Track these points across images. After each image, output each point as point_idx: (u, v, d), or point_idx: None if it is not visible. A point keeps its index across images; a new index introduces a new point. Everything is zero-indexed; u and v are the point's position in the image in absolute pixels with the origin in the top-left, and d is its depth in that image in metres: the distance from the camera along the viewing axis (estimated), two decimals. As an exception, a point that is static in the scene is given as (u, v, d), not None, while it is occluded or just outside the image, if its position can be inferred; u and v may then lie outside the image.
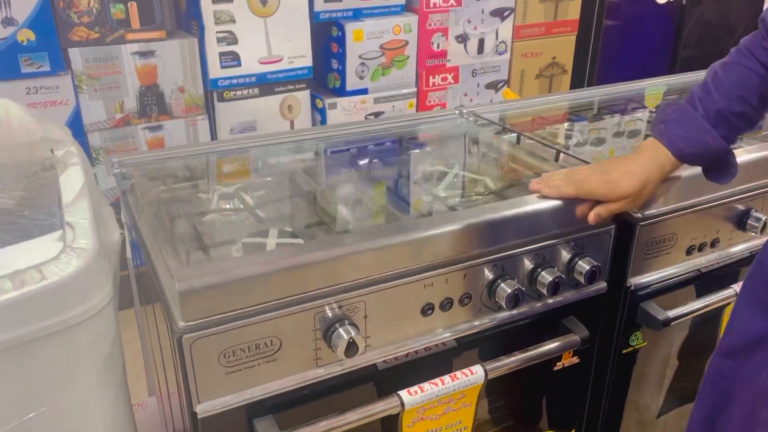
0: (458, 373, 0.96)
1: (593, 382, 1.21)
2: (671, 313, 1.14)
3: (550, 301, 1.05)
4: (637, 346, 1.20)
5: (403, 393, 0.92)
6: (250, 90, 2.27)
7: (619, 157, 1.05)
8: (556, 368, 1.12)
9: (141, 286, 1.21)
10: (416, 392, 0.93)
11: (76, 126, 2.10)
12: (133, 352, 1.71)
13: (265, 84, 2.29)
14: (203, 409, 0.83)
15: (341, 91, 2.44)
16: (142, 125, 2.18)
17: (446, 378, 0.95)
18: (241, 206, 1.09)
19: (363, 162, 1.33)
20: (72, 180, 0.84)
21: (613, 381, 1.22)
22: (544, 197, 1.00)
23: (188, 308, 0.78)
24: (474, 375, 0.97)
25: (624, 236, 1.09)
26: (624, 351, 1.19)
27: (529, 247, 1.00)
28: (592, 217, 1.00)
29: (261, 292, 0.81)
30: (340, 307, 0.87)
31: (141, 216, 1.00)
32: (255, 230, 1.00)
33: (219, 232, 1.00)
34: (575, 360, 1.13)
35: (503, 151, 1.36)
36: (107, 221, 0.88)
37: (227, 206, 1.09)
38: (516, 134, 1.35)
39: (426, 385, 0.94)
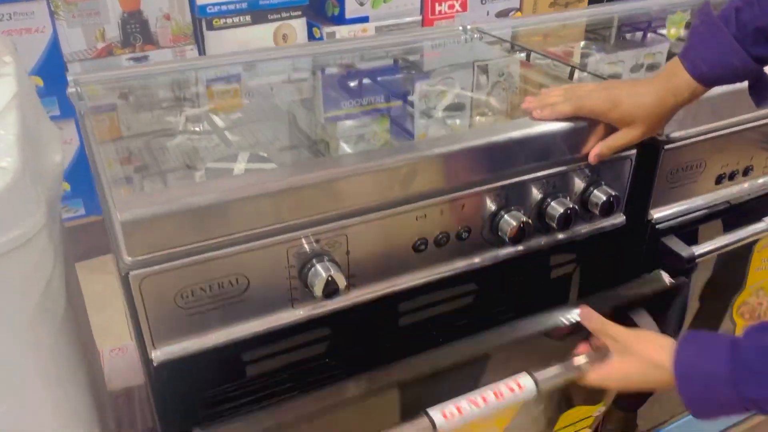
0: (504, 389, 0.82)
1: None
2: (696, 249, 1.01)
3: (561, 236, 0.93)
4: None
5: (436, 415, 0.78)
6: (241, 17, 2.11)
7: (632, 79, 0.91)
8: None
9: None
10: (452, 415, 0.78)
11: (55, 56, 1.97)
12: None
13: (258, 11, 2.12)
14: (159, 355, 0.72)
15: (340, 19, 2.27)
16: (127, 55, 2.04)
17: (489, 394, 0.81)
18: (211, 129, 0.96)
19: (354, 81, 1.20)
20: (1, 92, 0.71)
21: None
22: (543, 119, 0.87)
23: (133, 241, 0.66)
24: (523, 390, 0.82)
25: (646, 162, 0.95)
26: (642, 292, 1.07)
27: (537, 174, 0.87)
28: (592, 157, 0.87)
29: (220, 224, 0.70)
30: (317, 241, 0.76)
31: (96, 141, 0.88)
32: (223, 155, 0.87)
33: (182, 158, 0.88)
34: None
35: (511, 70, 1.21)
36: (47, 142, 0.76)
37: (196, 129, 0.96)
38: (526, 52, 1.20)
39: (464, 405, 0.80)
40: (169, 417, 0.79)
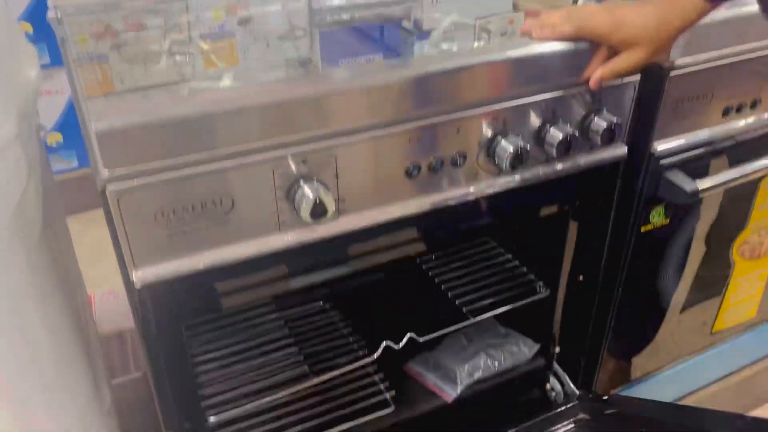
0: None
1: (606, 265, 1.08)
2: (700, 184, 0.98)
3: (560, 166, 0.90)
4: (658, 225, 1.06)
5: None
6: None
7: (636, 0, 0.86)
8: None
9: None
10: None
11: (44, 2, 1.91)
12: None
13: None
14: (141, 277, 0.70)
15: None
16: None
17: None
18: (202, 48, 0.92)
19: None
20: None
21: (629, 265, 1.08)
22: (542, 40, 0.82)
23: (110, 153, 0.63)
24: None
25: (650, 90, 0.91)
26: (643, 229, 1.05)
27: (536, 98, 0.83)
28: (593, 82, 0.83)
29: (202, 138, 0.66)
30: (304, 161, 0.73)
31: (75, 62, 0.84)
32: (209, 76, 0.83)
33: (168, 75, 0.84)
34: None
35: None
36: (19, 56, 0.73)
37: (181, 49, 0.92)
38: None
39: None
40: (153, 344, 0.77)
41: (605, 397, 1.16)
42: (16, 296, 0.67)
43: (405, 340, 1.03)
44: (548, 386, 1.24)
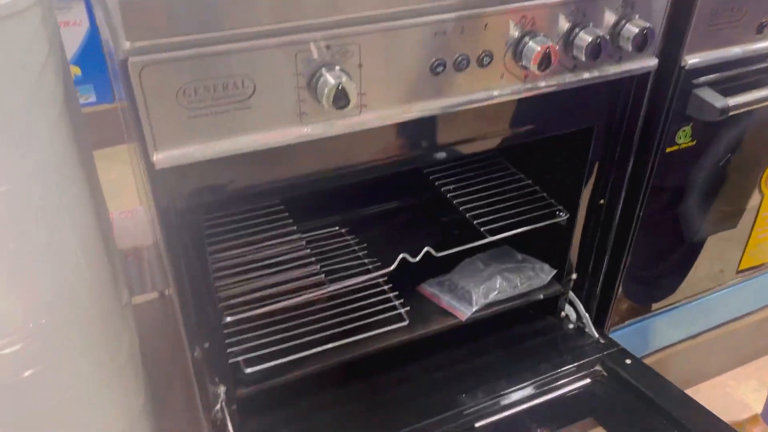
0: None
1: (628, 188, 1.06)
2: (731, 101, 0.96)
3: (587, 74, 0.88)
4: (684, 146, 1.03)
5: None
6: None
7: None
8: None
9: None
10: None
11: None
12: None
13: None
14: (162, 159, 0.69)
15: None
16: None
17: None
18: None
19: None
20: None
21: (651, 188, 1.07)
22: None
23: (133, 23, 0.62)
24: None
25: (684, -1, 0.89)
26: (668, 150, 1.03)
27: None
28: None
29: (226, 15, 0.65)
30: (328, 47, 0.71)
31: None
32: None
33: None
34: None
35: None
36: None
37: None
38: None
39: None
40: (172, 231, 0.77)
41: (628, 361, 1.14)
42: (37, 169, 0.67)
43: (422, 254, 1.03)
44: (563, 314, 1.24)
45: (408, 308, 1.08)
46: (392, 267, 1.01)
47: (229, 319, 0.92)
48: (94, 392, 0.83)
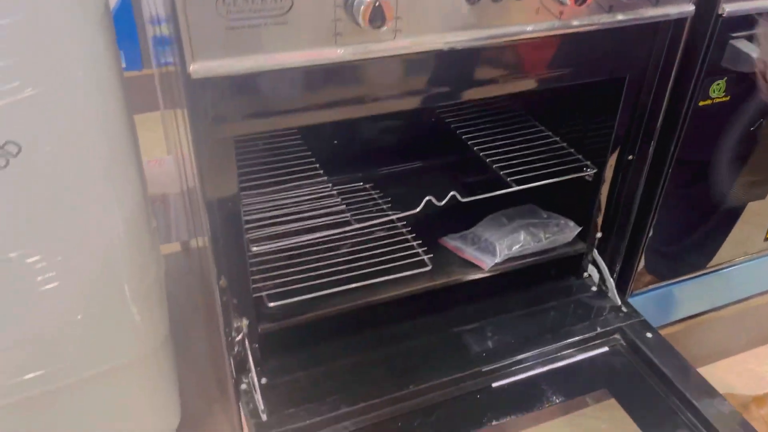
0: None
1: (657, 143, 1.05)
2: (768, 53, 0.94)
3: (622, 17, 0.87)
4: (717, 100, 1.02)
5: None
6: None
7: None
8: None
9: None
10: None
11: None
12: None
13: None
14: (197, 69, 0.70)
15: None
16: None
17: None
18: None
19: None
20: None
21: (682, 144, 1.06)
22: None
23: (176, -77, 0.63)
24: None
25: (725, -59, 0.88)
26: (701, 103, 1.01)
27: (606, -67, 0.81)
28: None
29: None
30: (367, -34, 0.71)
31: None
32: None
33: None
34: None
35: None
36: None
37: None
38: None
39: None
40: (204, 147, 0.78)
41: (649, 334, 1.13)
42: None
43: (447, 198, 1.03)
44: (586, 275, 1.23)
45: (431, 256, 1.08)
46: (418, 209, 1.02)
47: (255, 249, 0.93)
48: (118, 310, 0.84)
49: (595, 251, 1.20)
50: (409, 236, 1.12)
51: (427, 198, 1.02)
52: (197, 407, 1.18)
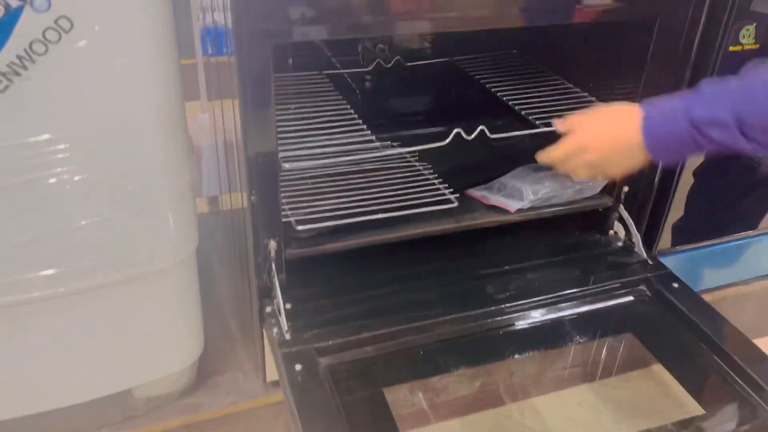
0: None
1: (689, 84, 1.06)
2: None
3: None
4: (747, 47, 1.03)
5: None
6: None
7: None
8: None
9: None
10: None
11: None
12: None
13: None
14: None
15: None
16: None
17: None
18: None
19: None
20: None
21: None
22: None
23: None
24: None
25: None
26: (731, 48, 1.02)
27: None
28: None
29: None
30: None
31: None
32: None
33: None
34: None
35: None
36: None
37: None
38: None
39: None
40: (244, 49, 0.81)
41: (675, 285, 1.13)
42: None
43: (476, 132, 1.04)
44: (612, 232, 1.23)
45: (457, 195, 1.09)
46: (447, 140, 1.03)
47: (287, 165, 0.94)
48: (149, 211, 0.86)
49: (622, 207, 1.19)
50: (435, 181, 1.13)
51: (456, 130, 1.03)
52: (219, 347, 1.19)
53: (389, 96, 1.39)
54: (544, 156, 0.95)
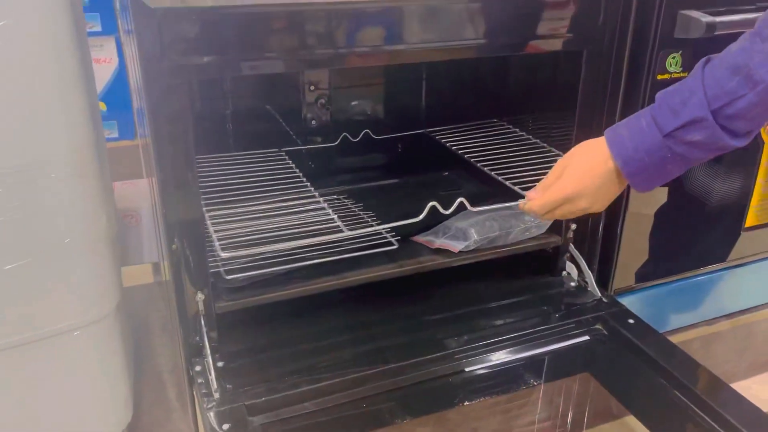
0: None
1: (621, 115, 1.05)
2: (718, 19, 0.97)
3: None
4: (675, 75, 1.03)
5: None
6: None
7: None
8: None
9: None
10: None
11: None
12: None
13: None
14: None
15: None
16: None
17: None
18: None
19: None
20: None
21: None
22: None
23: None
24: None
25: None
26: (659, 77, 1.03)
27: None
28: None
29: None
30: None
31: None
32: None
33: None
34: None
35: None
36: None
37: None
38: None
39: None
40: (156, 88, 0.78)
41: (631, 321, 1.09)
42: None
43: (455, 205, 1.01)
44: (564, 273, 1.19)
45: (398, 238, 1.05)
46: (421, 216, 0.99)
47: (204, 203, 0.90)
48: (57, 262, 0.80)
49: (572, 246, 1.16)
50: (374, 223, 1.09)
51: (431, 204, 1.00)
52: (155, 416, 1.10)
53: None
54: (527, 207, 0.91)
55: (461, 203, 1.01)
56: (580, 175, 0.83)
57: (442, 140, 1.32)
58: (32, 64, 0.73)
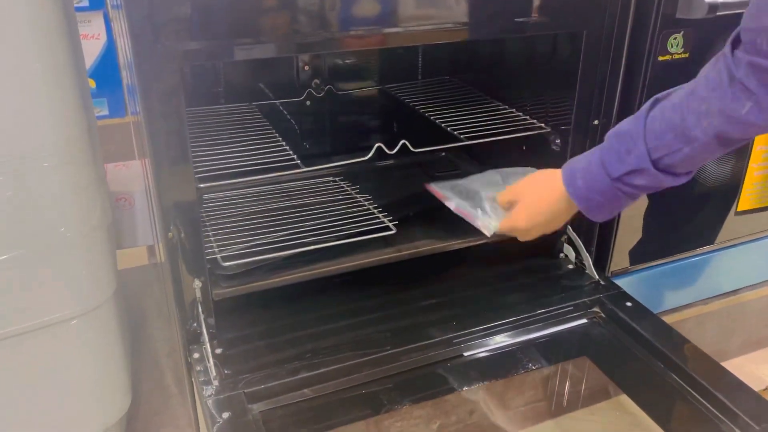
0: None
1: (621, 103, 1.04)
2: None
3: None
4: (677, 56, 1.02)
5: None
6: None
7: None
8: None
9: None
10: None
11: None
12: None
13: None
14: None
15: None
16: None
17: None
18: None
19: None
20: None
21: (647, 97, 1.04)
22: None
23: None
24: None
25: None
26: (660, 58, 1.01)
27: None
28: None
29: None
30: None
31: None
32: None
33: None
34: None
35: None
36: None
37: None
38: None
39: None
40: (148, 67, 0.76)
41: (628, 303, 1.09)
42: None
43: (398, 147, 1.00)
44: (562, 255, 1.19)
45: (396, 223, 1.04)
46: (369, 155, 0.99)
47: (202, 185, 0.88)
48: (53, 252, 0.79)
49: (569, 228, 1.16)
50: (372, 208, 1.08)
51: (377, 145, 0.99)
52: (153, 404, 1.10)
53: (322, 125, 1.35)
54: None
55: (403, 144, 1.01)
56: (533, 212, 0.90)
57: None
58: (19, 48, 0.70)
